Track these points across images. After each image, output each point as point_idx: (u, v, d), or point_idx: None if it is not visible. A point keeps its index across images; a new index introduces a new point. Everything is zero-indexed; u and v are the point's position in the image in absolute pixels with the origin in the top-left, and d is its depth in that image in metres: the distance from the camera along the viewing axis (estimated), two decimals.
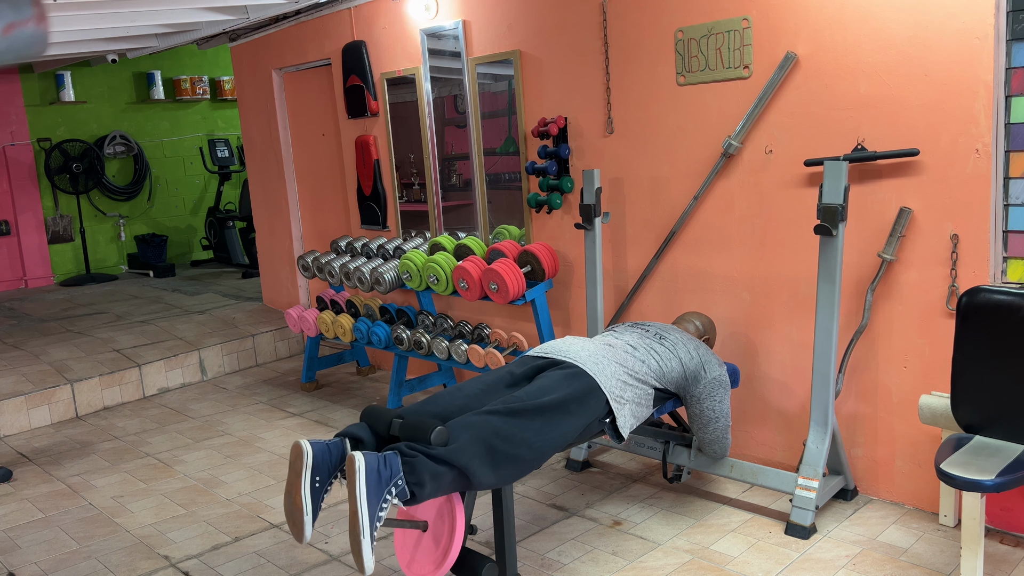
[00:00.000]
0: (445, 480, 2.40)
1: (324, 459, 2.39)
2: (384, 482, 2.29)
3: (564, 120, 4.30)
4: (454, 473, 2.41)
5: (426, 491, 2.36)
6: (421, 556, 2.58)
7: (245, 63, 6.72)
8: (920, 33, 3.08)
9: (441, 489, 2.42)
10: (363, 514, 2.24)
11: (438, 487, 2.40)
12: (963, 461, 2.63)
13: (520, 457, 2.55)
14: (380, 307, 5.16)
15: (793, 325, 3.63)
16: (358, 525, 2.23)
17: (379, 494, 2.27)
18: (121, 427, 5.10)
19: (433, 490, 2.39)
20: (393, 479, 2.30)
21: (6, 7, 1.87)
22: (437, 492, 2.41)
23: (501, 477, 2.54)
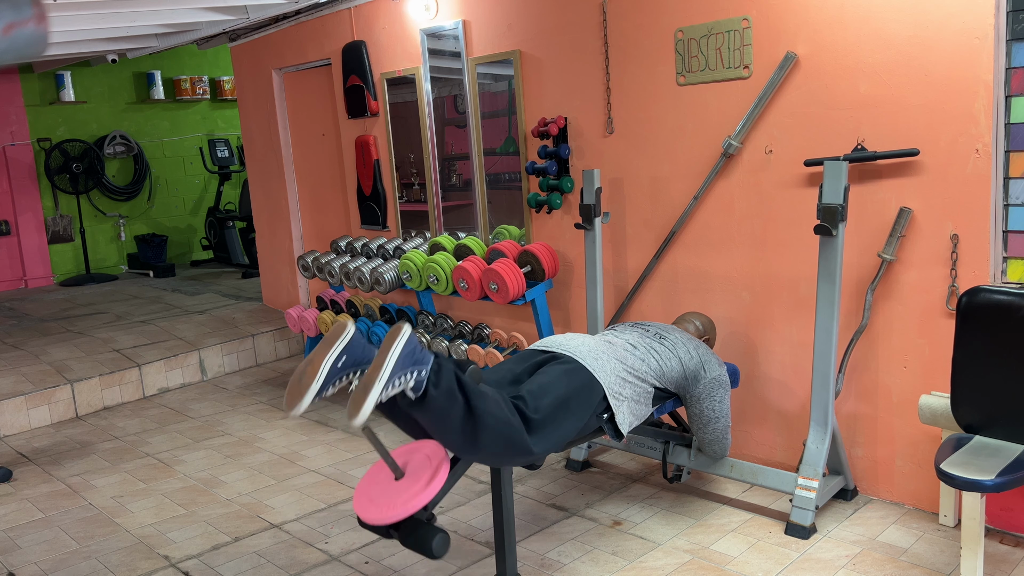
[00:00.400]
0: (456, 408, 2.38)
1: (359, 346, 2.37)
2: (414, 362, 2.30)
3: (564, 120, 4.30)
4: (465, 411, 2.39)
5: (436, 398, 2.34)
6: (381, 500, 2.48)
7: (245, 63, 6.72)
8: (920, 33, 3.08)
9: (448, 414, 2.38)
10: (385, 369, 2.24)
11: (447, 407, 2.37)
12: (963, 461, 2.63)
13: (526, 451, 2.56)
14: (380, 307, 5.16)
15: (793, 325, 3.63)
16: (376, 376, 2.23)
17: (404, 367, 2.28)
18: (121, 427, 5.10)
19: (441, 405, 2.36)
20: (421, 365, 2.32)
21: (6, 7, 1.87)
22: (441, 413, 2.37)
23: (500, 457, 2.54)
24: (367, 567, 3.23)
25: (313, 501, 3.85)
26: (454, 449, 2.50)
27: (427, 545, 2.38)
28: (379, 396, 2.23)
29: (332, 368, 2.30)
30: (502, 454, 2.55)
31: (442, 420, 2.40)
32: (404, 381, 2.29)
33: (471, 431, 2.42)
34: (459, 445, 2.47)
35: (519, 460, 2.62)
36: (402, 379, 2.28)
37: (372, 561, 3.27)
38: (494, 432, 2.45)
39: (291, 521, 3.66)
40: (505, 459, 2.61)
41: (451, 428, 2.41)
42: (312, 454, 4.43)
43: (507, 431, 2.49)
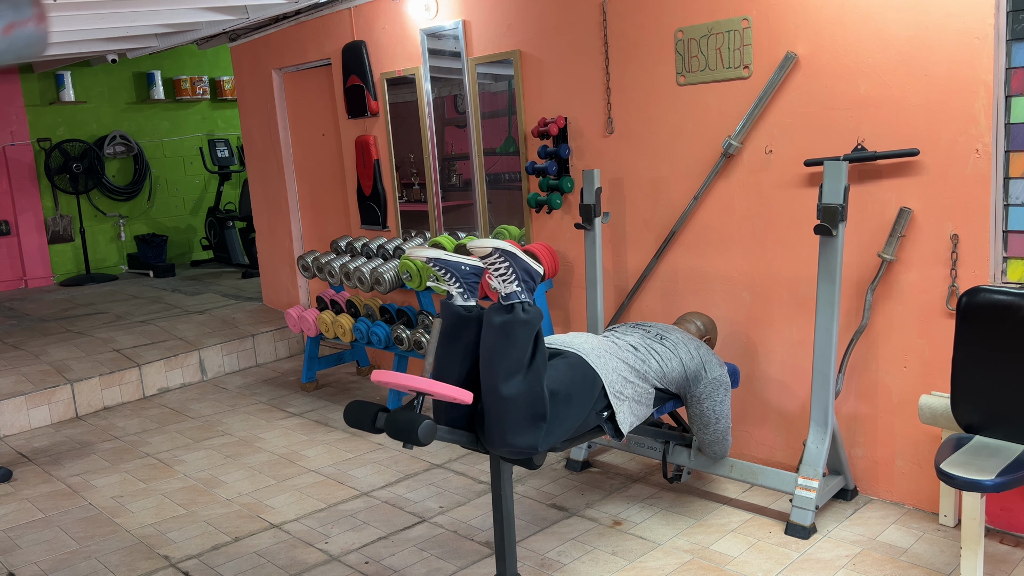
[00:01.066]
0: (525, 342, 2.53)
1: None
2: (525, 280, 2.61)
3: (564, 120, 4.30)
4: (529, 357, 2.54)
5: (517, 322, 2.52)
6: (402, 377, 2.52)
7: (245, 63, 6.72)
8: (920, 33, 3.08)
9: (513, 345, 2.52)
10: (517, 252, 2.61)
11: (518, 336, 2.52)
12: (963, 461, 2.63)
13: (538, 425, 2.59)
14: (380, 307, 5.16)
15: (793, 325, 3.63)
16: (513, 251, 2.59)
17: (519, 274, 2.60)
18: (121, 427, 5.10)
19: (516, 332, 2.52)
20: (528, 291, 2.60)
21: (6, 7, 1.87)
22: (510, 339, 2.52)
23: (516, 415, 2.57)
24: (367, 567, 3.23)
25: (313, 501, 3.85)
26: (493, 380, 2.55)
27: (413, 429, 2.41)
28: (501, 251, 2.55)
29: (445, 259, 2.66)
30: (522, 411, 2.55)
31: (505, 344, 2.52)
32: (512, 279, 2.57)
33: (516, 371, 2.52)
34: (500, 376, 2.53)
35: (525, 436, 2.57)
36: (513, 277, 2.57)
37: (372, 561, 3.27)
38: (532, 386, 2.53)
39: (291, 521, 3.66)
40: (519, 420, 2.57)
41: (505, 357, 2.52)
42: (312, 454, 4.43)
43: (540, 392, 2.56)
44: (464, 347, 2.66)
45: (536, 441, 2.59)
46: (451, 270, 2.69)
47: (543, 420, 2.58)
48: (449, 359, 2.67)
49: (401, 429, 2.45)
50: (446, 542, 3.38)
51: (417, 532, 3.48)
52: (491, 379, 2.55)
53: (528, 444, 2.59)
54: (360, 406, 2.62)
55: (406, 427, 2.44)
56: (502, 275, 2.58)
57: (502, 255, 2.57)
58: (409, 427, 2.43)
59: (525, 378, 2.53)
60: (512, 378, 2.52)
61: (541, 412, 2.57)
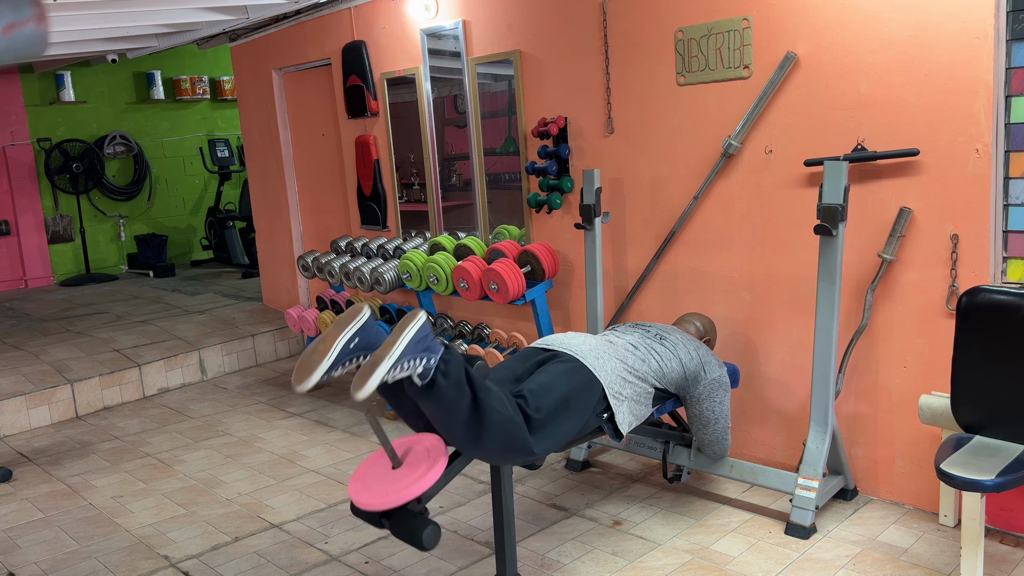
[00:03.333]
0: (462, 400, 2.38)
1: (372, 330, 2.38)
2: (424, 349, 2.31)
3: (564, 120, 4.30)
4: (471, 404, 2.39)
5: (444, 388, 2.34)
6: (376, 486, 2.48)
7: (245, 63, 6.72)
8: (920, 33, 3.08)
9: (454, 406, 2.38)
10: (396, 348, 2.26)
11: (453, 398, 2.37)
12: (963, 461, 2.63)
13: (527, 450, 2.56)
14: (380, 307, 5.16)
15: (793, 325, 3.63)
16: (386, 353, 2.24)
17: (415, 352, 2.29)
18: (121, 427, 5.10)
19: (448, 395, 2.36)
20: (432, 353, 2.33)
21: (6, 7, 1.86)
22: (447, 403, 2.38)
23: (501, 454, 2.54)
24: (367, 567, 3.23)
25: (313, 501, 3.85)
26: (456, 442, 2.50)
27: (417, 536, 2.38)
28: (385, 375, 2.23)
29: (344, 348, 2.31)
30: (503, 451, 2.55)
31: (447, 411, 2.40)
32: (413, 366, 2.29)
33: (475, 425, 2.42)
34: (461, 438, 2.47)
35: (519, 458, 2.62)
36: (411, 363, 2.29)
37: (372, 561, 3.27)
38: (497, 427, 2.46)
39: (291, 521, 3.66)
40: (505, 456, 2.61)
41: (455, 420, 2.42)
42: (312, 454, 4.43)
43: (510, 428, 2.49)
44: (409, 400, 2.54)
45: (530, 458, 2.62)
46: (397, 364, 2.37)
47: (527, 449, 2.56)
48: (407, 414, 2.61)
49: (406, 535, 2.42)
50: (446, 542, 3.38)
51: None
52: (457, 444, 2.51)
53: (522, 462, 2.64)
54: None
55: (410, 533, 2.40)
56: (406, 369, 2.30)
57: (389, 369, 2.26)
58: (413, 533, 2.40)
59: (483, 432, 2.44)
60: (472, 442, 2.47)
61: (522, 444, 2.54)
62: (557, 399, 2.69)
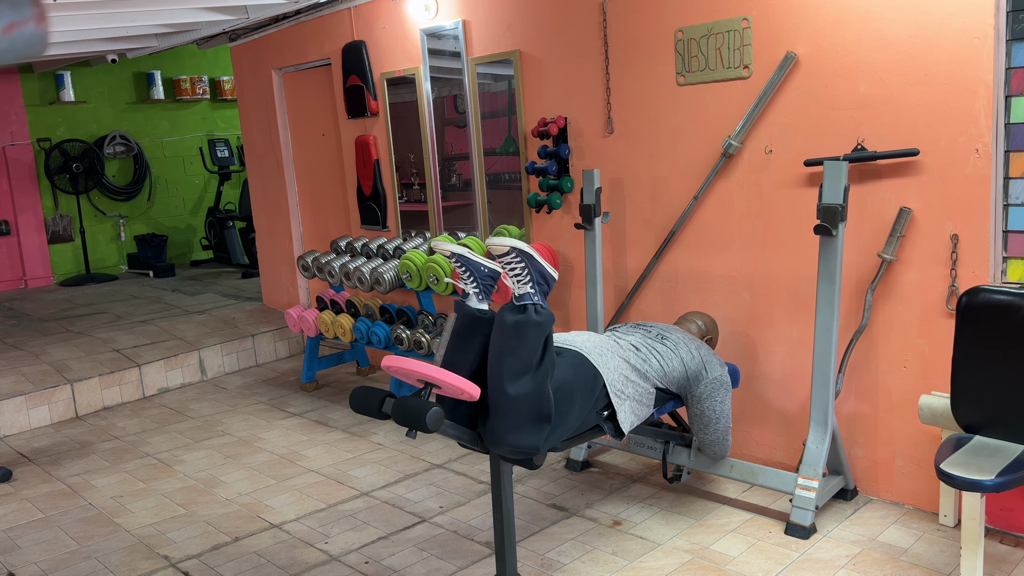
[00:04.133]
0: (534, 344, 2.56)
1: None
2: (539, 284, 2.65)
3: (564, 120, 4.30)
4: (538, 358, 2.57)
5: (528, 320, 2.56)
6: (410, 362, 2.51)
7: (245, 63, 6.72)
8: (920, 33, 3.08)
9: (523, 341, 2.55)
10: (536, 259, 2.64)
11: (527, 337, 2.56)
12: (963, 461, 2.63)
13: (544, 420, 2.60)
14: (380, 307, 5.16)
15: (793, 325, 3.63)
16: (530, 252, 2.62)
17: (534, 277, 2.64)
18: (121, 427, 5.10)
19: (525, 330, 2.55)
20: (541, 294, 2.64)
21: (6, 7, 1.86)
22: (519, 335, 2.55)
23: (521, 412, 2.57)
24: (367, 567, 3.23)
25: (313, 501, 3.85)
26: (497, 376, 2.57)
27: (421, 415, 2.39)
28: (521, 249, 2.58)
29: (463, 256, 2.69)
30: (528, 408, 2.56)
31: (515, 341, 2.54)
32: (525, 281, 2.60)
33: (525, 370, 2.53)
34: (508, 374, 2.55)
35: (528, 436, 2.58)
36: (527, 278, 2.61)
37: (372, 561, 3.27)
38: (537, 384, 2.55)
39: (291, 521, 3.66)
40: (524, 418, 2.57)
41: (516, 357, 2.54)
42: (312, 454, 4.43)
43: (546, 393, 2.58)
44: (474, 347, 2.68)
45: (539, 441, 2.60)
46: (471, 269, 2.71)
47: (547, 422, 2.58)
48: (459, 356, 2.70)
49: (409, 415, 2.42)
50: (446, 542, 3.38)
51: (417, 532, 3.48)
52: (498, 378, 2.56)
53: (530, 444, 2.59)
54: (367, 391, 2.61)
55: (414, 413, 2.40)
56: (517, 275, 2.62)
57: (519, 255, 2.60)
58: (417, 413, 2.40)
59: (532, 378, 2.54)
60: (520, 378, 2.54)
61: (546, 413, 2.58)
62: (563, 389, 2.70)
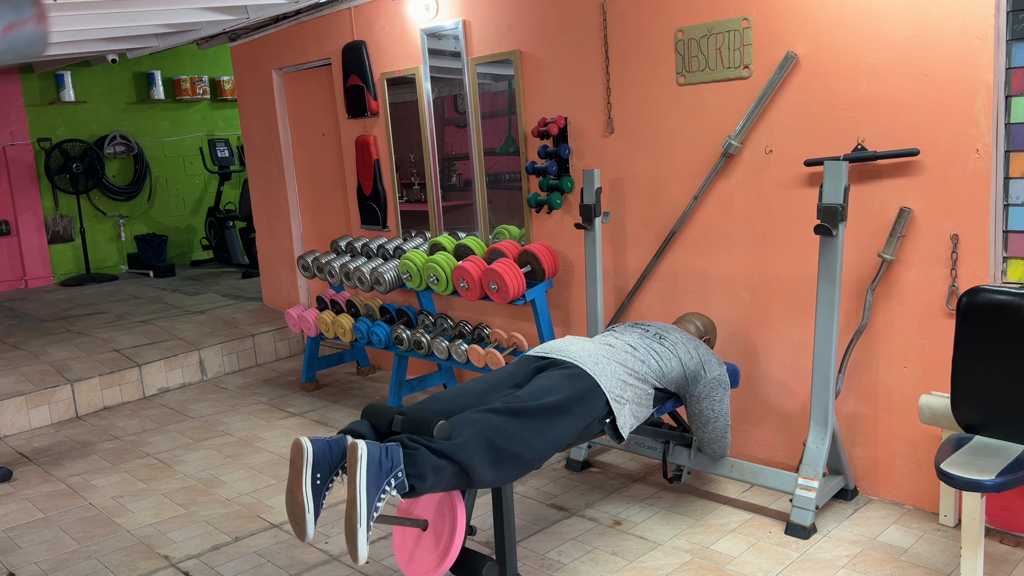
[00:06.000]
0: (446, 475, 2.40)
1: (325, 456, 2.37)
2: (385, 472, 2.28)
3: (564, 120, 4.30)
4: (455, 468, 2.41)
5: (426, 485, 2.36)
6: (421, 554, 2.58)
7: (245, 63, 6.72)
8: (920, 33, 3.08)
9: (441, 484, 2.42)
10: (361, 503, 2.23)
11: (438, 482, 2.39)
12: (963, 461, 2.63)
13: (521, 456, 2.55)
14: (380, 307, 5.16)
15: (793, 325, 3.63)
16: (355, 514, 2.23)
17: (378, 484, 2.26)
18: (121, 427, 5.10)
19: (433, 484, 2.38)
20: (394, 470, 2.30)
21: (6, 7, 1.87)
22: (437, 487, 2.41)
23: (501, 475, 2.54)
24: (367, 567, 3.23)
25: None
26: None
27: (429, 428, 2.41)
28: (368, 528, 2.24)
29: (314, 488, 2.32)
30: (506, 473, 2.57)
31: (442, 487, 2.45)
32: (387, 493, 2.29)
33: (466, 479, 2.47)
34: (464, 489, 2.55)
35: (524, 470, 2.62)
36: (383, 494, 2.28)
37: (372, 561, 3.27)
38: (491, 465, 2.49)
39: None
40: (512, 474, 2.61)
41: (451, 486, 2.48)
42: None
43: (502, 457, 2.52)
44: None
45: (534, 467, 2.64)
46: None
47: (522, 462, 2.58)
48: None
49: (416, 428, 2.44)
50: None
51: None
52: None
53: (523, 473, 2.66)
54: (377, 408, 2.58)
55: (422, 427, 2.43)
56: (382, 500, 2.29)
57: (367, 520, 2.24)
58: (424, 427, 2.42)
59: (478, 481, 2.48)
60: (485, 485, 2.54)
61: (510, 471, 2.57)
62: (556, 403, 2.69)
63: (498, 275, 4.24)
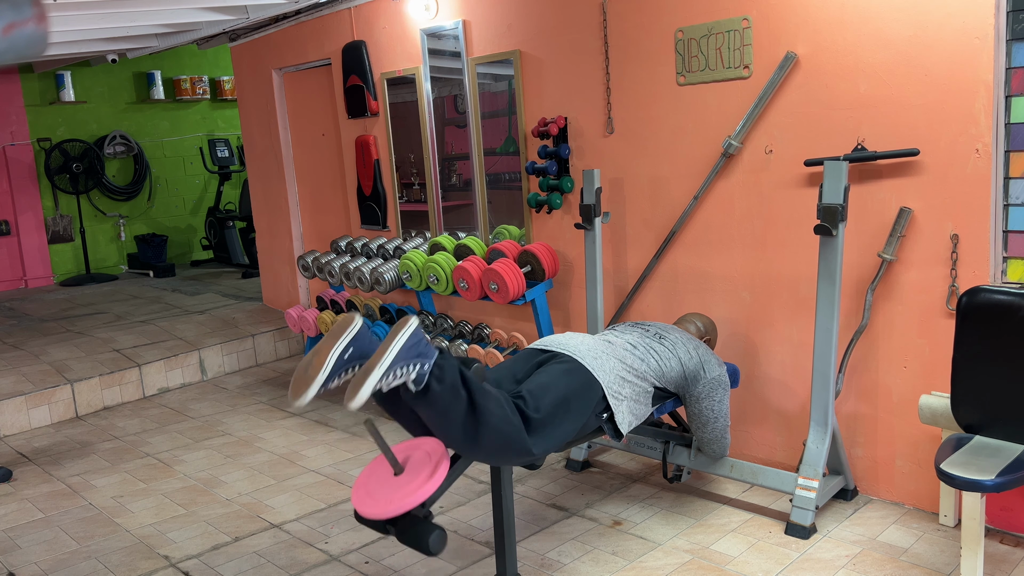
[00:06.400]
0: (458, 404, 2.37)
1: (366, 338, 2.37)
2: (416, 355, 2.29)
3: (564, 120, 4.30)
4: (468, 408, 2.38)
5: (438, 395, 2.33)
6: (381, 493, 2.46)
7: (245, 63, 6.72)
8: (920, 33, 3.08)
9: (449, 412, 2.37)
10: (387, 358, 2.24)
11: (449, 404, 2.36)
12: (963, 461, 2.63)
13: (526, 451, 2.56)
14: (380, 307, 5.16)
15: (793, 325, 3.63)
16: (377, 363, 2.23)
17: (407, 359, 2.27)
18: (121, 427, 5.10)
19: (444, 402, 2.35)
20: (425, 359, 2.31)
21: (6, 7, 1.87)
22: (444, 410, 2.37)
23: (501, 452, 2.53)
24: (367, 567, 3.23)
25: (313, 501, 3.85)
26: (454, 446, 2.50)
27: (423, 541, 2.37)
28: (378, 383, 2.23)
29: (339, 359, 2.31)
30: (502, 452, 2.55)
31: (444, 415, 2.39)
32: (406, 372, 2.28)
33: (472, 428, 2.42)
34: (459, 442, 2.47)
35: (518, 460, 2.62)
36: (404, 370, 2.27)
37: (372, 561, 3.27)
38: (495, 430, 2.45)
39: (291, 521, 3.66)
40: (504, 458, 2.61)
41: (452, 424, 2.41)
42: (312, 454, 4.43)
43: (508, 430, 2.49)
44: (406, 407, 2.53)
45: (529, 458, 2.62)
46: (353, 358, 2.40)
47: (527, 452, 2.56)
48: (404, 420, 2.60)
49: (411, 540, 2.41)
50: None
51: None
52: (452, 446, 2.50)
53: (522, 464, 2.64)
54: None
55: (415, 538, 2.39)
56: (399, 376, 2.29)
57: (381, 376, 2.25)
58: (419, 538, 2.38)
59: (481, 435, 2.43)
60: (470, 445, 2.46)
61: (521, 447, 2.53)
62: (556, 399, 2.69)
63: (498, 275, 4.24)
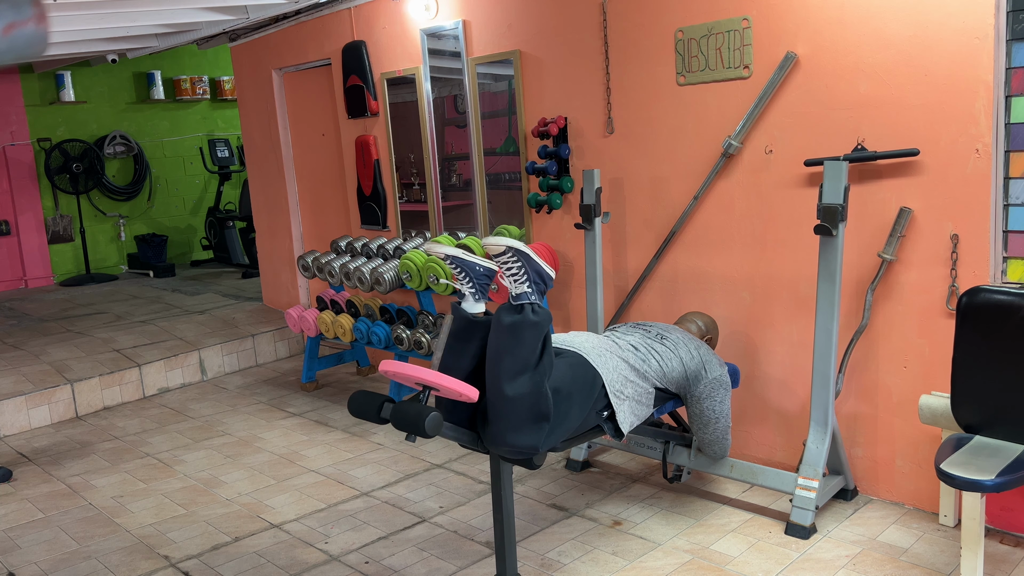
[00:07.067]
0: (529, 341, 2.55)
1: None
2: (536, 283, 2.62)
3: (564, 120, 4.30)
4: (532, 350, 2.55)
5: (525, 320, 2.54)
6: (412, 368, 2.53)
7: (245, 63, 6.72)
8: (920, 33, 3.08)
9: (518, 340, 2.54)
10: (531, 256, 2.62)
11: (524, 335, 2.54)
12: (963, 461, 2.63)
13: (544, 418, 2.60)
14: (380, 307, 5.16)
15: (793, 325, 3.63)
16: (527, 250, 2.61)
17: (531, 275, 2.62)
18: (121, 427, 5.10)
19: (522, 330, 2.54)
20: (538, 292, 2.62)
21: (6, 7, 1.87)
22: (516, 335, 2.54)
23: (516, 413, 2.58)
24: (367, 567, 3.23)
25: (313, 501, 3.85)
26: (495, 377, 2.57)
27: (420, 420, 2.40)
28: (515, 249, 2.56)
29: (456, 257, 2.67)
30: (522, 412, 2.56)
31: (512, 340, 2.54)
32: (522, 279, 2.58)
33: (520, 369, 2.53)
34: (505, 372, 2.55)
35: (527, 435, 2.58)
36: (524, 277, 2.58)
37: (372, 561, 3.27)
38: (534, 384, 2.54)
39: (291, 521, 3.66)
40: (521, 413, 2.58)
41: (509, 354, 2.54)
42: (312, 454, 4.43)
43: (544, 392, 2.58)
44: (471, 349, 2.67)
45: (538, 441, 2.59)
46: (466, 270, 2.70)
47: (546, 420, 2.58)
48: (456, 359, 2.69)
49: (407, 420, 2.43)
50: (446, 542, 3.38)
51: (417, 532, 3.48)
52: (496, 378, 2.56)
53: (529, 444, 2.59)
54: (365, 396, 2.62)
55: (413, 419, 2.42)
56: (514, 275, 2.60)
57: (515, 255, 2.59)
58: (416, 419, 2.41)
59: (531, 378, 2.54)
60: (517, 378, 2.54)
61: (545, 412, 2.58)
62: (561, 393, 2.70)
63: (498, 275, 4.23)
